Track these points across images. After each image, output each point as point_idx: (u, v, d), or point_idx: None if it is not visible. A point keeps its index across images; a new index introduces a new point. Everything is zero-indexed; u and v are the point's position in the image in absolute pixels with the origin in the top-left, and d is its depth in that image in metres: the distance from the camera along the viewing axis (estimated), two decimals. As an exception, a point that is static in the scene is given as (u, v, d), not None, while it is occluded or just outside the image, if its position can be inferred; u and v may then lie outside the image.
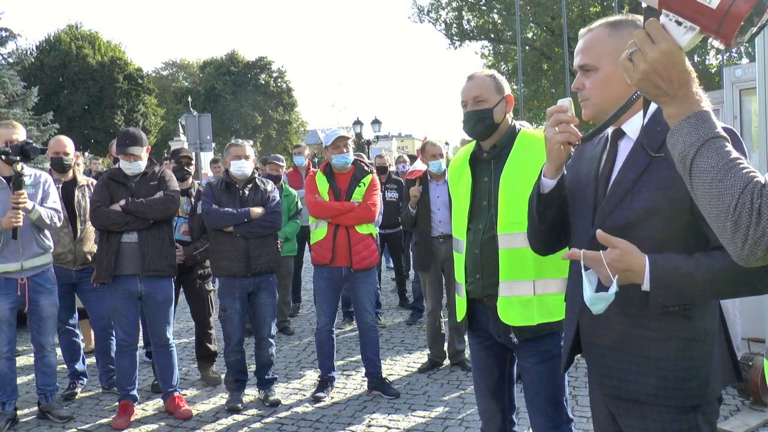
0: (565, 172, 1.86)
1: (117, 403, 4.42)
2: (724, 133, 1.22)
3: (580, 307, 1.77)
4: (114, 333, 4.55)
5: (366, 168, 4.72)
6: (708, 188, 1.18)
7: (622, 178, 1.69)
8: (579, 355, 1.91)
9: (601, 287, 1.58)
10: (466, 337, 4.57)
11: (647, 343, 1.66)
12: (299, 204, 6.33)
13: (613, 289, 1.53)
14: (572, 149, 1.87)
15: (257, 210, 4.45)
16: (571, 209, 1.87)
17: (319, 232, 4.56)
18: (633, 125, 1.74)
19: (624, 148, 1.75)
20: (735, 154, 1.19)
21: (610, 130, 1.79)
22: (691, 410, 1.66)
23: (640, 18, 1.75)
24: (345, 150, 4.56)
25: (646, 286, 1.55)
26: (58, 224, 4.29)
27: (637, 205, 1.64)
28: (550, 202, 1.85)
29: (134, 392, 4.40)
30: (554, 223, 1.91)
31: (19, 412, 4.54)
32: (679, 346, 1.64)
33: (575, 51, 1.82)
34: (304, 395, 4.74)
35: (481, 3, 26.72)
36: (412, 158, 9.80)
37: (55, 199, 4.32)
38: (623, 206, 1.67)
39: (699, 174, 1.20)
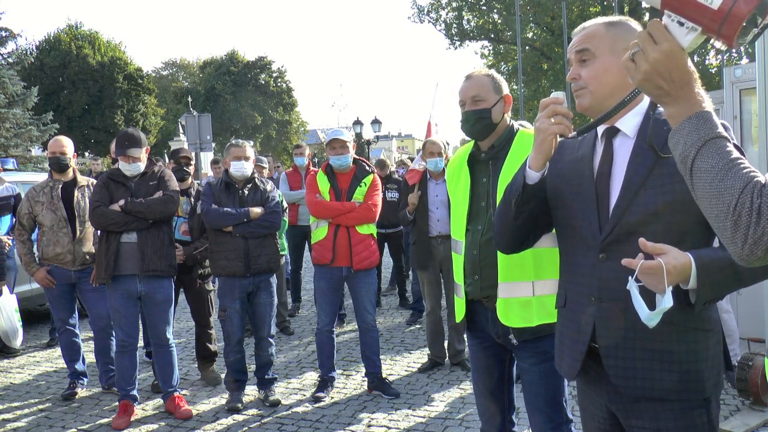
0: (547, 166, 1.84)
1: (117, 403, 4.41)
2: (725, 134, 1.22)
3: (595, 307, 1.73)
4: (114, 333, 4.55)
5: (367, 168, 4.72)
6: (708, 188, 1.18)
7: (632, 174, 1.66)
8: None
9: (647, 299, 1.49)
10: (465, 337, 4.57)
11: (669, 337, 1.62)
12: (284, 203, 6.30)
13: (669, 299, 1.43)
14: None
15: (257, 210, 4.45)
16: (565, 212, 1.83)
17: (319, 232, 4.56)
18: (629, 123, 1.71)
19: (621, 146, 1.72)
20: (736, 154, 1.19)
21: (599, 129, 1.77)
22: (705, 404, 1.64)
23: (634, 21, 1.79)
24: (342, 151, 4.56)
25: (692, 284, 1.49)
26: None
27: (654, 200, 1.62)
28: (533, 194, 1.83)
29: (134, 392, 4.39)
30: (529, 220, 1.89)
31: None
32: (698, 337, 1.62)
33: (569, 46, 1.81)
34: (304, 395, 4.73)
35: (481, 3, 26.71)
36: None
37: None
38: (639, 202, 1.64)
39: (699, 174, 1.20)
